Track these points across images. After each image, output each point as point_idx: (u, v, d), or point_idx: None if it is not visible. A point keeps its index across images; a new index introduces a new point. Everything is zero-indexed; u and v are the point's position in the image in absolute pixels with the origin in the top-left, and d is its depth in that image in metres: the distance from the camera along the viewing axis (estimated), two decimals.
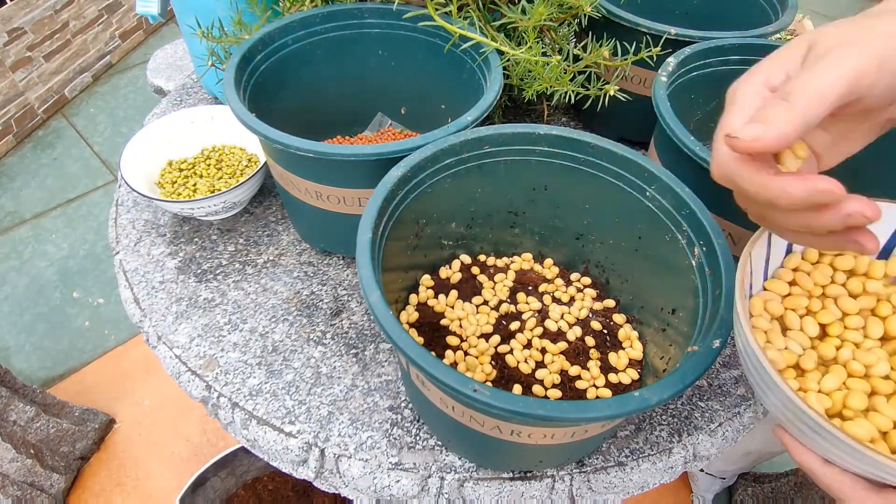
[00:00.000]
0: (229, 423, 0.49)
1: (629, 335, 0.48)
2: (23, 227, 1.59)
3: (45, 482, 1.02)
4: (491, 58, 0.54)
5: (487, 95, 0.50)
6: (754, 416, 0.50)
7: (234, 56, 0.53)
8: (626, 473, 0.46)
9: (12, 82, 1.76)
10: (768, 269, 0.36)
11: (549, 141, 0.45)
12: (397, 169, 0.42)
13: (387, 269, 0.41)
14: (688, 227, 0.40)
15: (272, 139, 0.46)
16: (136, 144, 0.64)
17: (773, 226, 0.28)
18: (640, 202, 0.44)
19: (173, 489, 1.08)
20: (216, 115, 0.68)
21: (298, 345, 0.53)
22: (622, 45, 0.62)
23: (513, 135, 0.45)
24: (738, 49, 0.58)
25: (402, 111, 0.68)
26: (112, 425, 1.19)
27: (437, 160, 0.44)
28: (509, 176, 0.47)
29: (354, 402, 0.49)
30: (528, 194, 0.49)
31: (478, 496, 0.45)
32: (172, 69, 1.29)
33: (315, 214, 0.54)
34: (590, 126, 0.77)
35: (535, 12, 0.54)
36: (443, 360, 0.38)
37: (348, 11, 0.59)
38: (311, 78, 0.62)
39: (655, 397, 0.30)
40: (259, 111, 0.49)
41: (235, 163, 0.66)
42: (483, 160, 0.46)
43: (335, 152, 0.45)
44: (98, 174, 1.75)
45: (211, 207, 0.59)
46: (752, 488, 1.04)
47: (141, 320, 0.55)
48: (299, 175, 0.50)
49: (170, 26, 2.33)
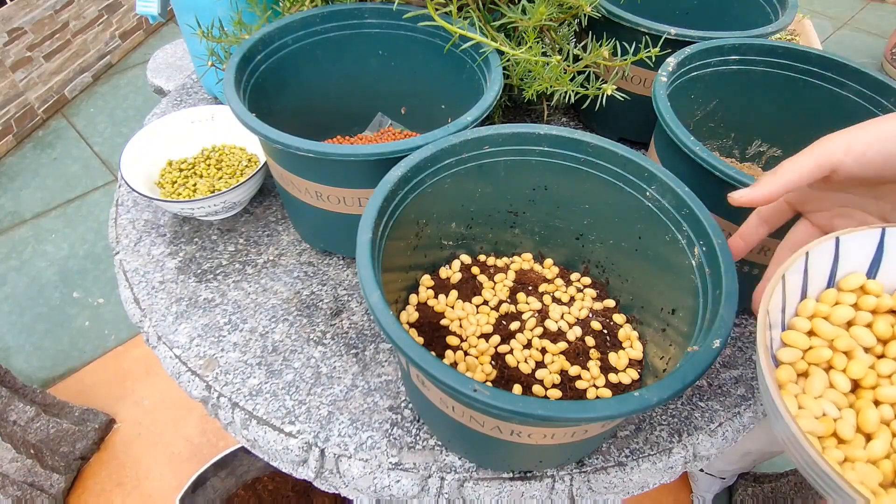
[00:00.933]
0: (229, 423, 0.49)
1: (629, 335, 0.48)
2: (23, 227, 1.59)
3: (45, 482, 1.02)
4: (491, 58, 0.54)
5: (487, 95, 0.50)
6: (754, 416, 0.50)
7: (234, 56, 0.53)
8: (626, 473, 0.46)
9: (12, 82, 1.76)
10: (784, 320, 0.33)
11: (548, 141, 0.45)
12: (397, 169, 0.42)
13: (387, 269, 0.41)
14: (688, 227, 0.40)
15: (272, 139, 0.46)
16: (136, 144, 0.64)
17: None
18: (640, 202, 0.44)
19: (173, 489, 1.08)
20: (216, 115, 0.68)
21: (298, 345, 0.53)
22: (622, 45, 0.62)
23: (513, 135, 0.45)
24: (737, 49, 0.58)
25: (402, 111, 0.68)
26: (112, 425, 1.19)
27: (437, 160, 0.44)
28: (509, 176, 0.47)
29: (354, 402, 0.49)
30: (528, 194, 0.49)
31: (478, 496, 0.45)
32: (172, 69, 1.29)
33: (315, 214, 0.54)
34: (590, 126, 0.77)
35: (536, 12, 0.54)
36: (443, 361, 0.38)
37: (348, 11, 0.59)
38: (311, 78, 0.62)
39: (655, 397, 0.30)
40: (259, 111, 0.49)
41: (235, 163, 0.66)
42: (483, 160, 0.46)
43: (335, 152, 0.45)
44: (98, 174, 1.75)
45: (211, 207, 0.59)
46: (752, 488, 1.04)
47: (141, 320, 0.55)
48: (299, 175, 0.50)
49: (170, 26, 2.33)
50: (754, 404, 0.50)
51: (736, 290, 0.35)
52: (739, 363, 0.53)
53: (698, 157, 0.46)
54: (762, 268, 0.51)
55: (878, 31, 2.38)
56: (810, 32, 1.37)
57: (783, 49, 0.58)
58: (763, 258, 0.50)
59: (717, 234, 0.38)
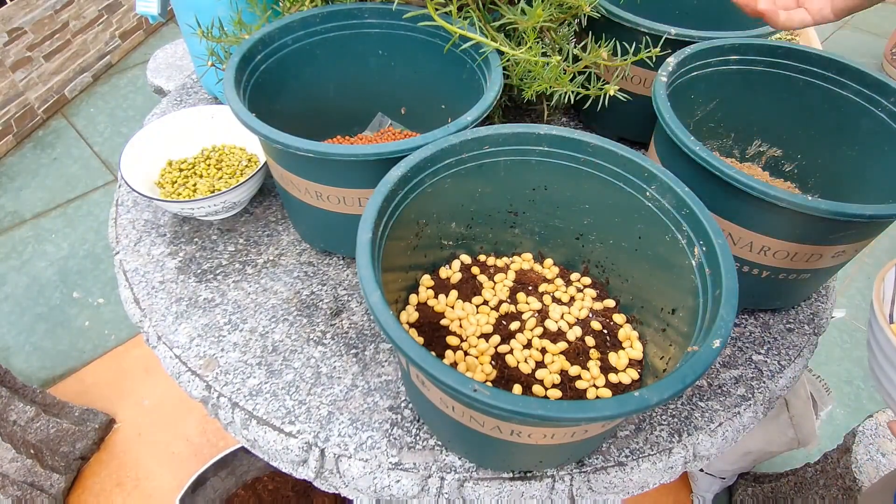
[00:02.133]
0: (229, 423, 0.49)
1: (629, 335, 0.48)
2: (23, 227, 1.59)
3: (45, 482, 1.02)
4: (491, 58, 0.54)
5: (487, 95, 0.50)
6: (754, 416, 0.50)
7: (234, 56, 0.53)
8: (626, 473, 0.46)
9: (12, 82, 1.76)
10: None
11: (548, 141, 0.45)
12: (397, 169, 0.42)
13: (387, 269, 0.41)
14: (687, 227, 0.40)
15: (272, 139, 0.46)
16: (136, 145, 0.64)
17: None
18: (640, 202, 0.44)
19: (173, 489, 1.08)
20: (216, 115, 0.68)
21: (298, 345, 0.53)
22: (622, 46, 0.62)
23: (513, 135, 0.45)
24: (738, 49, 0.58)
25: (402, 111, 0.68)
26: (112, 425, 1.19)
27: (437, 160, 0.44)
28: (509, 176, 0.47)
29: (354, 402, 0.49)
30: (528, 194, 0.49)
31: (478, 496, 0.45)
32: (172, 69, 1.29)
33: (315, 214, 0.54)
34: (590, 126, 0.77)
35: (535, 13, 0.54)
36: (443, 360, 0.38)
37: (348, 11, 0.59)
38: (311, 78, 0.62)
39: (655, 397, 0.30)
40: (259, 111, 0.49)
41: (235, 163, 0.66)
42: (483, 160, 0.46)
43: (335, 152, 0.45)
44: (98, 174, 1.75)
45: (211, 207, 0.59)
46: (752, 488, 1.04)
47: (141, 320, 0.55)
48: (300, 175, 0.50)
49: (170, 26, 2.33)
50: (754, 404, 0.50)
51: (736, 290, 0.35)
52: (739, 363, 0.53)
53: (698, 157, 0.46)
54: (762, 268, 0.51)
55: (878, 31, 2.38)
56: (810, 32, 1.37)
57: (783, 49, 0.58)
58: (763, 258, 0.50)
59: (718, 234, 0.38)
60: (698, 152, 0.46)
